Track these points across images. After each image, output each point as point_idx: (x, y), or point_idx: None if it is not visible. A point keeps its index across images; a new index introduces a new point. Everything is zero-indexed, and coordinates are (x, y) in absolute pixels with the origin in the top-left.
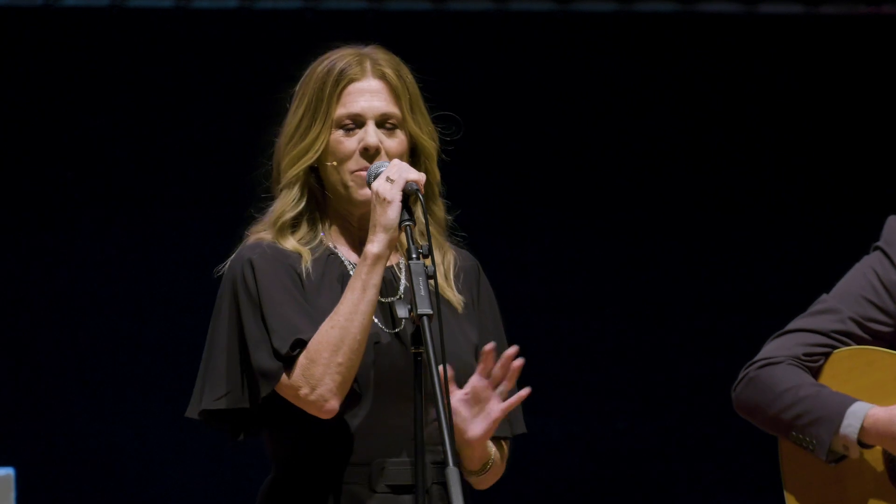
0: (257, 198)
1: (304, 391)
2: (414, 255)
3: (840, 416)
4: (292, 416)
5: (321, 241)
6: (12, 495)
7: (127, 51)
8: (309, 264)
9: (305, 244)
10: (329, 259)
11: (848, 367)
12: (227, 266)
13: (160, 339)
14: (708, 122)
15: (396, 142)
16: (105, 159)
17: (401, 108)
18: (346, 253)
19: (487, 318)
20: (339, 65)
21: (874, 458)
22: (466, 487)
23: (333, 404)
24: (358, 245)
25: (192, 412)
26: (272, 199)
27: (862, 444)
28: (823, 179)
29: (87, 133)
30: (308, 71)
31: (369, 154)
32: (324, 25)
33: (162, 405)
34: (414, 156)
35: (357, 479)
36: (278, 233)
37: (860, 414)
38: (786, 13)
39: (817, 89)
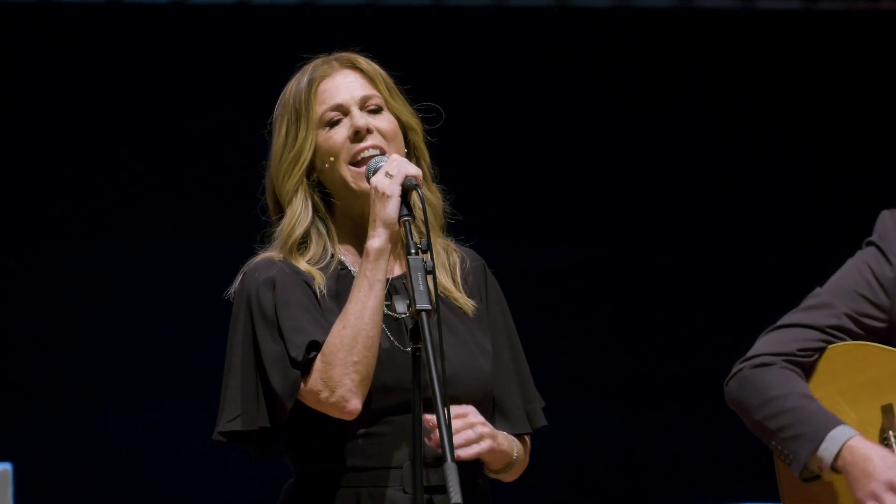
0: (255, 197)
1: (324, 395)
2: (413, 251)
3: (821, 437)
4: (318, 426)
5: (332, 257)
6: (9, 490)
7: (124, 47)
8: (323, 286)
9: (315, 263)
10: (340, 274)
11: (844, 362)
12: (238, 285)
13: (159, 338)
14: (706, 119)
15: (386, 120)
16: (102, 156)
17: (379, 91)
18: (355, 264)
19: (498, 319)
20: (308, 72)
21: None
22: (478, 487)
23: (355, 404)
24: None
25: (216, 435)
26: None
27: (835, 469)
28: (822, 175)
29: (83, 129)
30: (280, 98)
31: (360, 136)
32: (322, 21)
33: (160, 402)
34: (405, 138)
35: (391, 482)
36: (290, 253)
37: (840, 440)
38: (784, 9)
39: (815, 85)
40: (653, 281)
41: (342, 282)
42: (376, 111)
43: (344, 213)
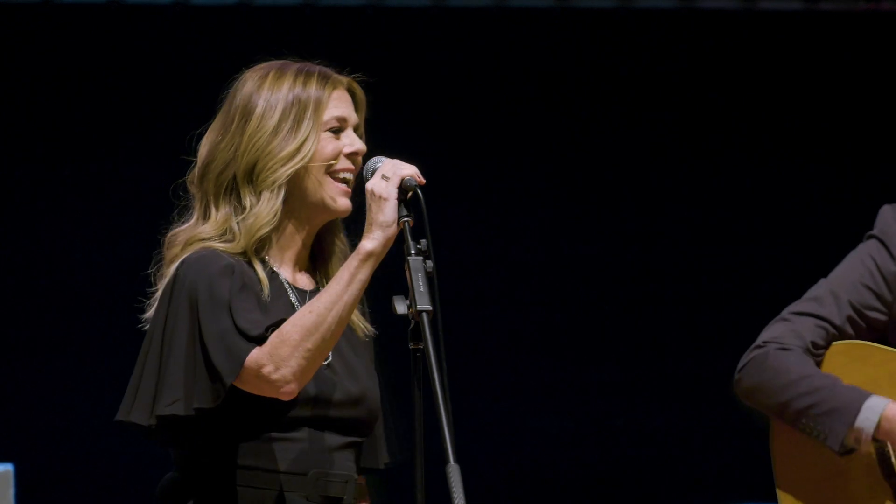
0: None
1: (267, 368)
2: (413, 251)
3: (857, 408)
4: (235, 421)
5: (265, 260)
6: (11, 491)
7: (124, 47)
8: (267, 295)
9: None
10: (271, 276)
11: (841, 361)
12: (176, 273)
13: None
14: (706, 119)
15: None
16: (103, 156)
17: (361, 123)
18: (286, 273)
19: (372, 346)
20: (314, 76)
21: (867, 456)
22: None
23: (293, 387)
24: (293, 264)
25: (139, 417)
26: (188, 204)
27: (875, 438)
28: (822, 175)
29: (83, 129)
30: (262, 83)
31: (354, 157)
32: (322, 21)
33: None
34: None
35: (296, 488)
36: (253, 250)
37: (878, 409)
38: (784, 9)
39: (816, 86)
40: (654, 279)
41: (273, 284)
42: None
43: (296, 217)
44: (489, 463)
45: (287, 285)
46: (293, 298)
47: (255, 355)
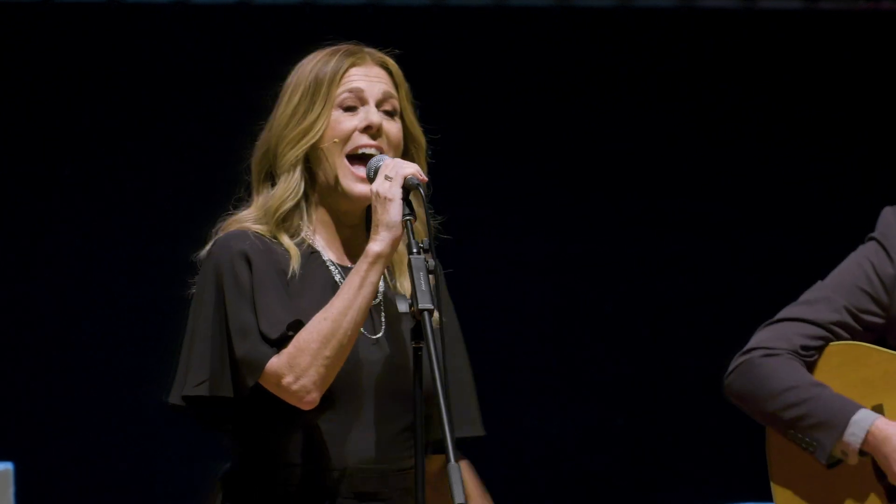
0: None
1: (287, 379)
2: (415, 250)
3: (844, 423)
4: (268, 411)
5: (303, 238)
6: (11, 490)
7: (124, 46)
8: (297, 266)
9: (290, 238)
10: (311, 258)
11: (837, 362)
12: (207, 253)
13: (160, 338)
14: (706, 118)
15: (396, 127)
16: (103, 156)
17: (399, 97)
18: (328, 252)
19: (449, 326)
20: (338, 53)
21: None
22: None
23: (315, 396)
24: (340, 244)
25: (174, 397)
26: (247, 199)
27: (862, 452)
28: (822, 175)
29: (83, 129)
30: (298, 68)
31: (370, 131)
32: (323, 21)
33: (161, 402)
34: (406, 151)
35: (324, 482)
36: (276, 226)
37: (864, 424)
38: (784, 9)
39: (816, 85)
40: (655, 278)
41: (312, 265)
42: (390, 114)
43: (323, 198)
44: (489, 462)
45: (331, 264)
46: (338, 278)
47: (275, 365)
